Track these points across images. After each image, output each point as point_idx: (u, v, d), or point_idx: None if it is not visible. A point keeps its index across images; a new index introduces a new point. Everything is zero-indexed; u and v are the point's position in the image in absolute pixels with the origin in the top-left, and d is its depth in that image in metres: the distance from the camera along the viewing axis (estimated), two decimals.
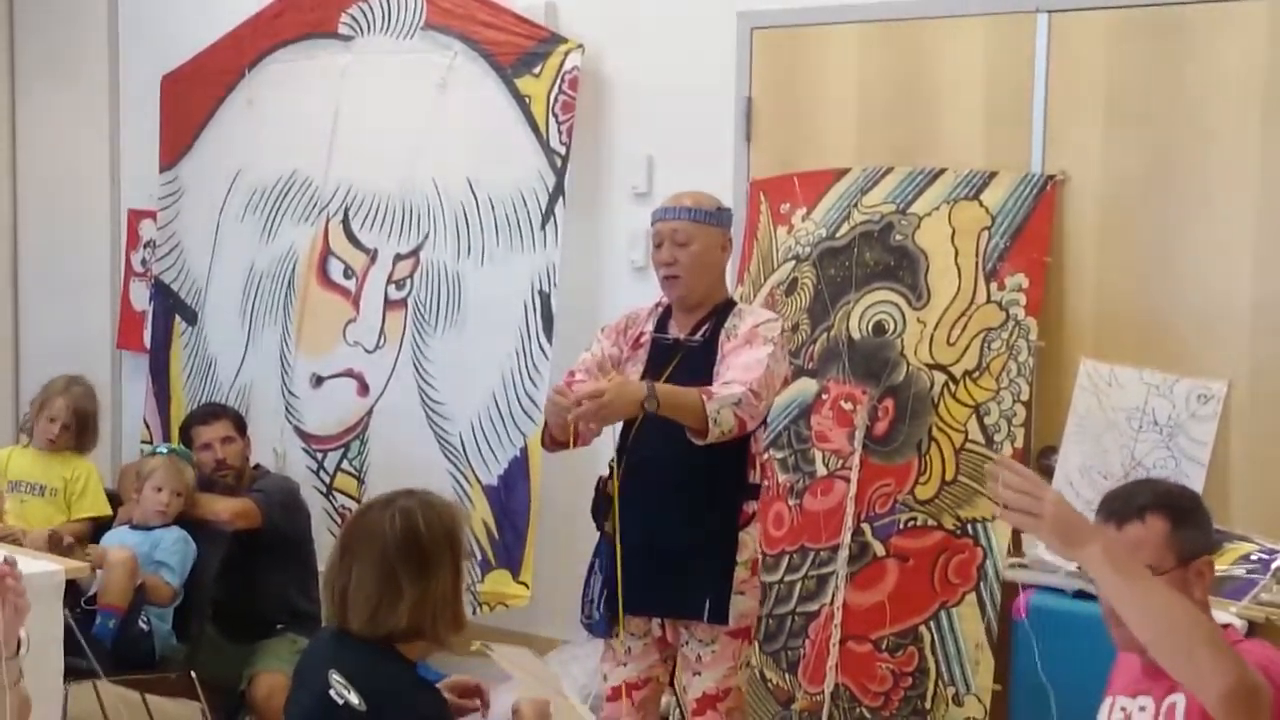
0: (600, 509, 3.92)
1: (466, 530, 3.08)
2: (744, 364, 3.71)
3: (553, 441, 3.89)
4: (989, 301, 4.49)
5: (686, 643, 3.88)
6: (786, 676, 4.71)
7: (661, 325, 3.98)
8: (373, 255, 5.92)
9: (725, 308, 3.92)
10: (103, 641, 4.67)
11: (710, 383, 3.70)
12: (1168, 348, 4.38)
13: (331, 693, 2.82)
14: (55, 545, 4.90)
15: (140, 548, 4.85)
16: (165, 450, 5.15)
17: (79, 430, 5.49)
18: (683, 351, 3.87)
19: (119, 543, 4.91)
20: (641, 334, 4.00)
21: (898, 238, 4.65)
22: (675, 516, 3.82)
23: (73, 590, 4.61)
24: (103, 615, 4.70)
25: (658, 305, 4.03)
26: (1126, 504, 2.77)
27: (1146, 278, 4.46)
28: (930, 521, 4.50)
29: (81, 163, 7.10)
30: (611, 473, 3.89)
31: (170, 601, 4.86)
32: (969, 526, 4.44)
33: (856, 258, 4.71)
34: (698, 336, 3.89)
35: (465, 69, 5.64)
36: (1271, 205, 4.27)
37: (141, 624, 4.77)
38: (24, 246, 7.38)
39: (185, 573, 4.91)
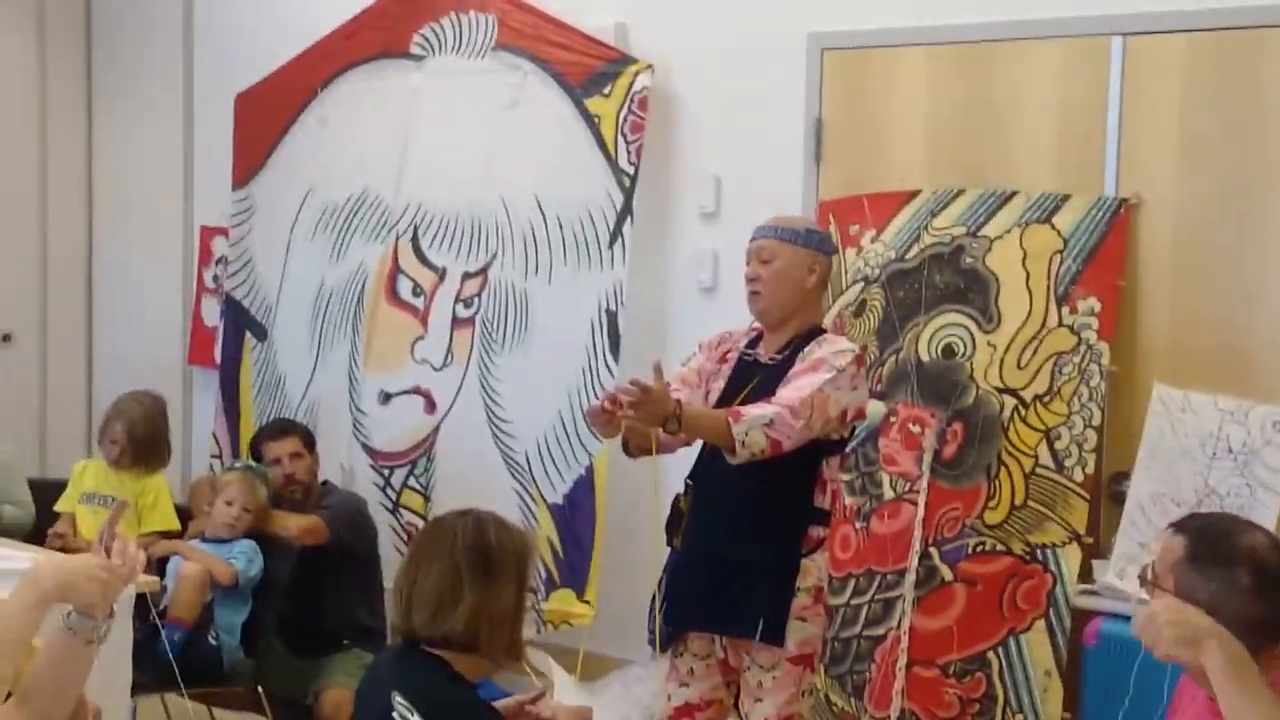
0: (673, 524, 3.96)
1: (535, 559, 3.11)
2: (797, 385, 3.72)
3: (638, 449, 3.90)
4: (1060, 325, 4.45)
5: (749, 668, 3.86)
6: (852, 701, 4.68)
7: (752, 345, 4.01)
8: (441, 274, 5.94)
9: (812, 333, 3.92)
10: (169, 654, 4.71)
11: None
12: (1242, 373, 4.33)
13: (395, 715, 2.84)
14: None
15: None
16: (241, 466, 5.19)
17: (141, 451, 5.48)
18: (762, 372, 3.87)
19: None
20: (729, 351, 4.04)
21: (968, 260, 4.63)
22: (737, 534, 3.83)
23: (141, 605, 4.66)
24: (168, 628, 4.74)
25: (753, 328, 4.05)
26: (1184, 518, 2.82)
27: (1221, 302, 4.41)
28: (999, 546, 4.46)
29: (155, 179, 7.18)
30: (686, 489, 3.94)
31: (230, 581, 4.87)
32: (1038, 552, 4.40)
33: (926, 280, 4.69)
34: (779, 358, 3.89)
35: (535, 89, 5.66)
36: None
37: (210, 638, 4.81)
38: (98, 262, 7.47)
39: (251, 570, 4.93)
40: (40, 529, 5.50)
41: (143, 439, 5.48)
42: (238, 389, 6.69)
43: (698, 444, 3.97)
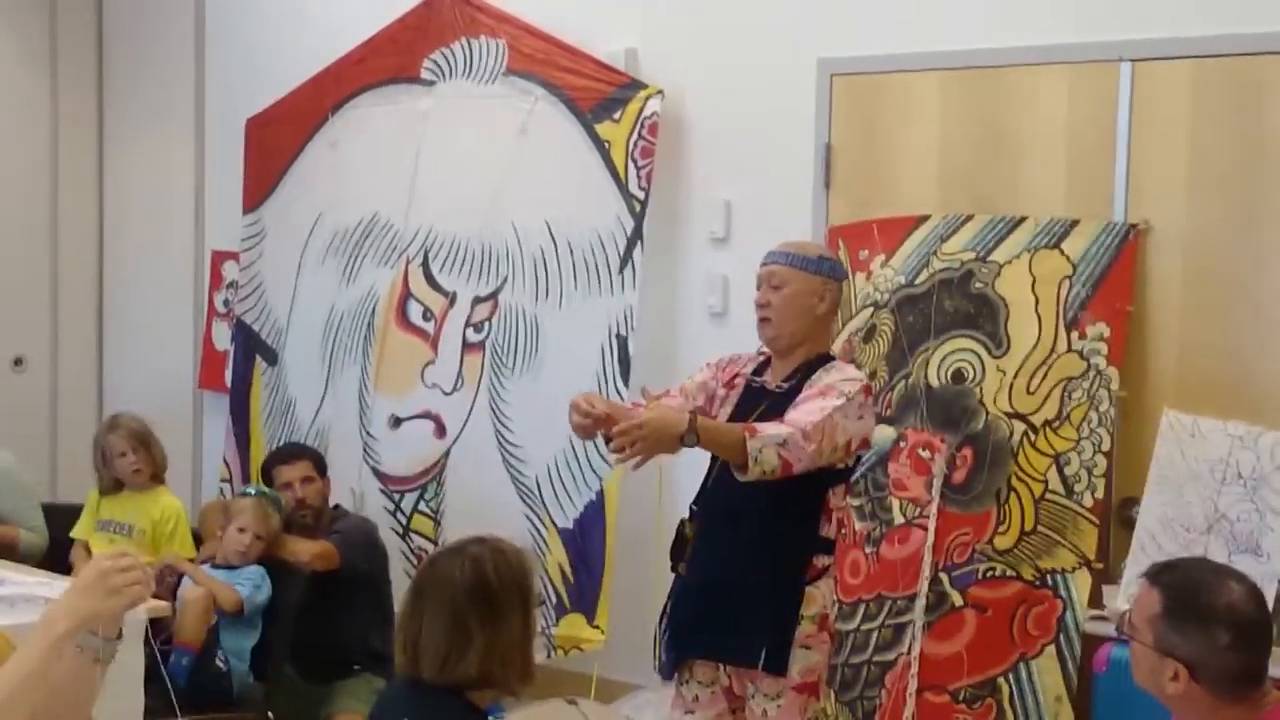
0: (678, 550, 3.96)
1: (536, 577, 3.08)
2: (806, 409, 3.71)
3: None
4: (1070, 351, 4.45)
5: (753, 696, 3.85)
6: None
7: (759, 372, 4.01)
8: (452, 298, 5.95)
9: (820, 360, 3.92)
10: (176, 679, 4.71)
11: None
12: (1252, 399, 4.33)
13: None
14: (159, 582, 4.98)
15: None
16: (255, 492, 5.20)
17: (148, 453, 5.54)
18: (769, 399, 3.87)
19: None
20: (737, 376, 4.04)
21: (977, 285, 4.63)
22: (740, 561, 3.83)
23: (154, 629, 4.67)
24: (177, 653, 4.74)
25: (761, 353, 4.05)
26: (1158, 569, 2.86)
27: (1230, 328, 4.42)
28: (1009, 572, 4.46)
29: (166, 204, 7.21)
30: (692, 514, 3.95)
31: (235, 608, 4.87)
32: (1049, 577, 4.40)
33: (936, 305, 4.70)
34: (787, 385, 3.89)
35: (546, 114, 5.68)
36: None
37: (219, 663, 4.81)
38: (108, 286, 7.50)
39: (259, 596, 4.93)
40: (52, 554, 5.51)
41: (141, 433, 5.52)
42: (248, 413, 6.71)
43: (699, 469, 3.97)
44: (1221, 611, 2.70)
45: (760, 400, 3.91)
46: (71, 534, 5.61)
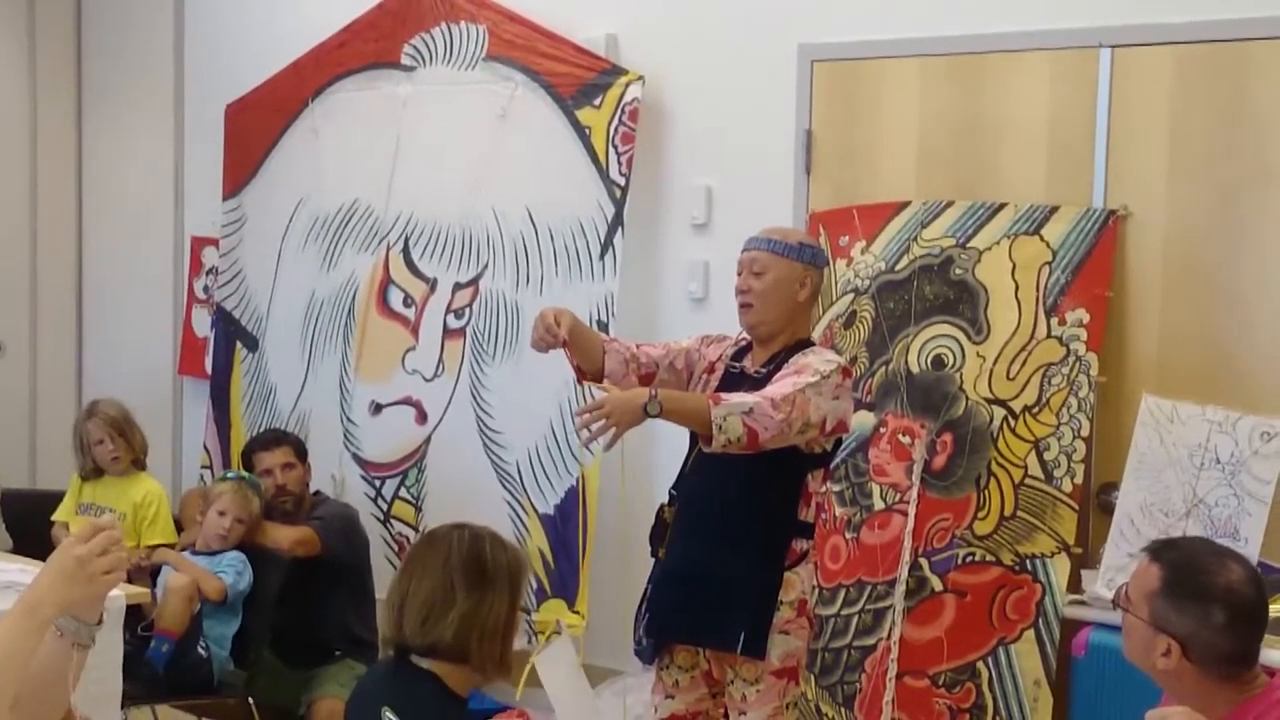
0: (657, 534, 3.97)
1: (528, 578, 3.11)
2: (779, 385, 3.70)
3: (581, 374, 4.04)
4: (1049, 336, 4.47)
5: (732, 681, 3.87)
6: (842, 711, 4.69)
7: (739, 357, 4.01)
8: (432, 284, 5.95)
9: (800, 345, 3.93)
10: (155, 666, 4.71)
11: None
12: (1231, 384, 4.35)
13: None
14: (137, 571, 4.99)
15: None
16: (235, 477, 5.19)
17: (126, 440, 5.53)
18: (748, 384, 3.87)
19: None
20: (718, 360, 4.04)
21: (958, 272, 4.64)
22: (718, 546, 3.83)
23: (134, 616, 4.67)
24: (157, 640, 4.74)
25: (742, 338, 4.05)
26: (1161, 545, 2.88)
27: (1209, 314, 4.43)
28: (989, 557, 4.48)
29: (145, 190, 7.18)
30: (671, 499, 3.95)
31: (219, 596, 4.86)
32: (1028, 562, 4.41)
33: (916, 291, 4.71)
34: (765, 370, 3.89)
35: (526, 100, 5.68)
36: None
37: (200, 649, 4.81)
38: (88, 272, 7.47)
39: (240, 583, 4.93)
40: (31, 540, 5.50)
41: (118, 420, 5.51)
42: (228, 399, 6.70)
43: (679, 454, 3.97)
44: (1219, 591, 2.72)
45: (739, 385, 3.90)
46: (53, 516, 5.60)
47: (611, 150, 5.40)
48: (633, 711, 4.99)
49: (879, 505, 4.67)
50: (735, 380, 3.94)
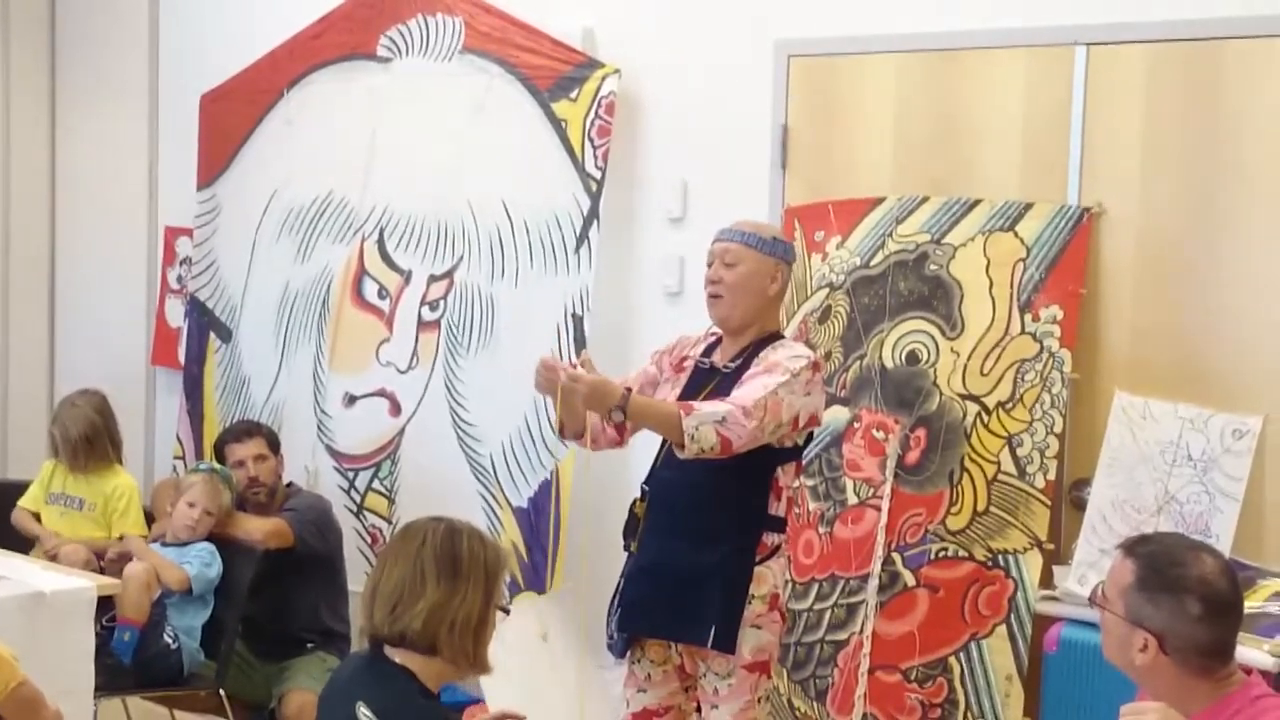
0: (630, 528, 3.97)
1: (505, 576, 3.11)
2: (750, 387, 3.71)
3: (571, 434, 3.97)
4: (1023, 333, 4.48)
5: (704, 675, 3.87)
6: (814, 705, 4.70)
7: (709, 352, 4.00)
8: (407, 276, 5.94)
9: (770, 339, 3.93)
10: (120, 655, 4.69)
11: None
12: (1203, 382, 4.36)
13: None
14: (109, 562, 4.98)
15: None
16: (206, 468, 5.17)
17: (83, 451, 5.46)
18: (718, 379, 3.87)
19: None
20: (686, 358, 4.04)
21: (932, 267, 4.65)
22: (688, 540, 3.83)
23: (106, 608, 4.65)
24: (119, 629, 4.72)
25: (711, 333, 4.04)
26: (1135, 541, 2.89)
27: (1182, 311, 4.45)
28: (961, 552, 4.49)
29: (119, 179, 7.15)
30: (643, 494, 3.95)
31: (182, 587, 4.84)
32: (1000, 558, 4.43)
33: (890, 287, 4.71)
34: (735, 364, 3.89)
35: (502, 92, 5.66)
36: None
37: (168, 639, 4.79)
38: (60, 262, 7.43)
39: (206, 576, 4.91)
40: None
41: (80, 439, 5.44)
42: (202, 390, 6.67)
43: (653, 448, 3.98)
44: (1193, 582, 2.73)
45: (709, 380, 3.91)
46: (20, 503, 5.55)
47: (588, 144, 5.40)
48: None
49: (852, 500, 4.68)
50: (704, 375, 3.94)
